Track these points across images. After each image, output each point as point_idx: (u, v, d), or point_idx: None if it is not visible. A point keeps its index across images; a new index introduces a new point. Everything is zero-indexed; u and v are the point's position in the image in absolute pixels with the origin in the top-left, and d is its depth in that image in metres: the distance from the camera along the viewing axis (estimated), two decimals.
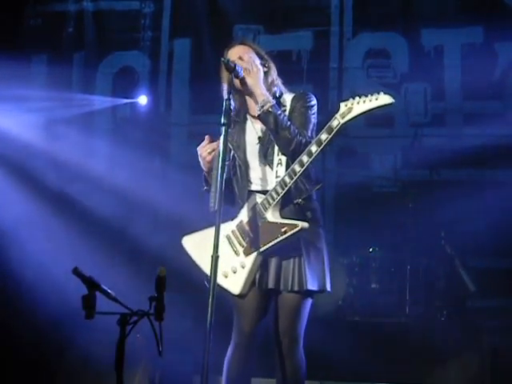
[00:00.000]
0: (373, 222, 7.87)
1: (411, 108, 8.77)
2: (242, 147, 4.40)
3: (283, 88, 4.52)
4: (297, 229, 4.16)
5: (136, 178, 8.38)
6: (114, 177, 8.40)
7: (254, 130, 4.40)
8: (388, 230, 7.79)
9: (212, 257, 3.85)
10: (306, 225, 4.16)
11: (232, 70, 4.17)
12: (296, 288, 4.20)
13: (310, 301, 4.33)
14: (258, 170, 4.35)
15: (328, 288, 4.34)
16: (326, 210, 8.79)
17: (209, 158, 4.30)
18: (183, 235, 4.47)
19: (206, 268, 4.06)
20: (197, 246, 4.39)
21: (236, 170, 4.43)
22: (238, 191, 4.40)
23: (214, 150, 4.28)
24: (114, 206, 8.26)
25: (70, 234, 7.80)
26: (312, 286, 4.22)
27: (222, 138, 4.00)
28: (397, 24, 8.99)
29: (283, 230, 4.15)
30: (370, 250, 7.88)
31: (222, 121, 4.00)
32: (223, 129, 4.00)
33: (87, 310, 3.00)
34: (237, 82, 4.25)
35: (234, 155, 4.45)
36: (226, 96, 4.18)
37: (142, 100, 9.42)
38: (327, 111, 4.31)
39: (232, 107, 4.05)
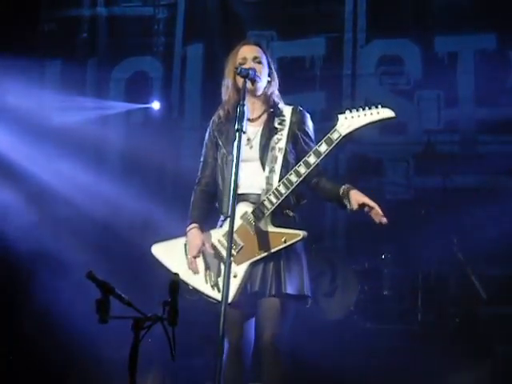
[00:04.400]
0: (385, 228, 7.84)
1: (424, 115, 8.76)
2: (232, 147, 4.16)
3: (278, 98, 4.51)
4: (298, 238, 4.17)
5: (148, 182, 8.40)
6: (126, 182, 8.41)
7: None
8: (400, 237, 7.75)
9: (225, 262, 3.84)
10: (306, 234, 4.19)
11: (246, 76, 4.17)
12: (274, 292, 4.18)
13: (290, 305, 4.28)
14: (247, 172, 4.26)
15: (308, 293, 4.32)
16: (338, 216, 8.78)
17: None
18: (154, 242, 4.44)
19: (182, 276, 4.07)
20: (169, 254, 4.37)
21: (223, 168, 4.40)
22: (223, 196, 4.31)
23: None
24: (126, 209, 8.26)
25: (84, 238, 7.82)
26: (291, 290, 4.20)
27: (235, 143, 3.98)
28: (410, 30, 8.99)
29: (283, 239, 4.16)
30: (383, 256, 7.87)
31: (236, 126, 3.97)
32: (237, 134, 3.98)
33: (101, 315, 3.00)
34: (249, 83, 4.24)
35: (222, 153, 4.43)
36: (229, 100, 4.38)
37: (155, 105, 9.44)
38: None
39: (246, 113, 4.04)
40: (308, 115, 4.50)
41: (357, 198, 4.19)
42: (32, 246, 7.57)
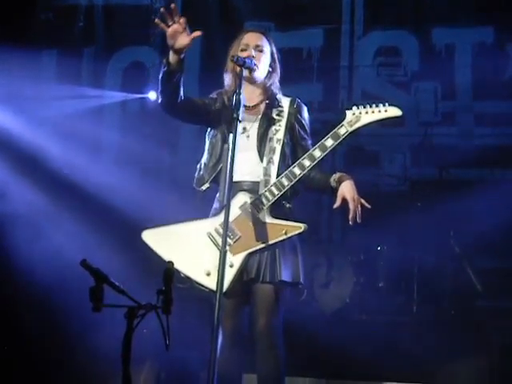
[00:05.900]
0: (381, 220, 7.84)
1: (421, 107, 8.76)
2: (229, 135, 4.24)
3: (278, 89, 4.50)
4: (299, 230, 4.18)
5: (145, 172, 8.37)
6: (122, 171, 8.38)
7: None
8: (396, 229, 7.75)
9: (220, 251, 3.82)
10: (306, 226, 4.19)
11: (243, 65, 4.15)
12: (268, 278, 4.18)
13: (285, 293, 4.29)
14: (243, 160, 4.23)
15: (302, 281, 4.32)
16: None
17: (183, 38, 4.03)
18: (144, 229, 4.38)
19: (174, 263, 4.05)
20: (160, 241, 4.32)
21: (221, 154, 4.38)
22: (220, 184, 4.33)
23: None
24: (123, 200, 8.24)
25: (80, 227, 7.79)
26: (285, 277, 4.20)
27: (232, 133, 3.96)
28: (408, 22, 8.99)
29: (284, 231, 4.16)
30: (378, 248, 7.86)
31: (234, 115, 3.96)
32: (233, 123, 3.96)
33: (94, 303, 2.98)
34: (246, 71, 4.22)
35: (221, 135, 4.41)
36: (229, 87, 4.38)
37: (152, 95, 9.40)
38: (337, 109, 4.30)
39: (242, 101, 4.02)
40: (305, 107, 4.51)
41: (340, 193, 4.22)
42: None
